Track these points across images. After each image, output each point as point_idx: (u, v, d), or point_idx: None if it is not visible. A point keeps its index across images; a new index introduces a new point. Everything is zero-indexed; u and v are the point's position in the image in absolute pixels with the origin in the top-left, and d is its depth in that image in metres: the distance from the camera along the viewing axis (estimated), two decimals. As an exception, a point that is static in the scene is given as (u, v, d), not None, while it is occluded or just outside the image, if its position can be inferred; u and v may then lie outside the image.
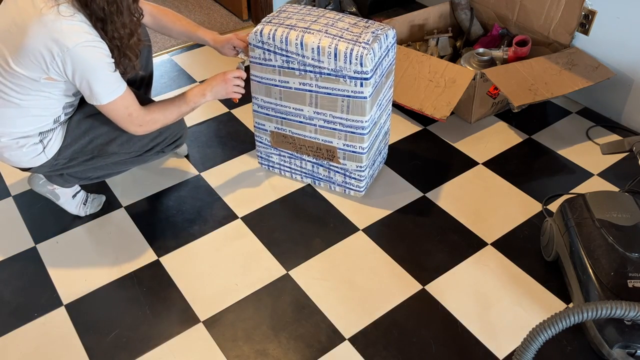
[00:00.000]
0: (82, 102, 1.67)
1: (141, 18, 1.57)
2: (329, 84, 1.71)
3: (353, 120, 1.76)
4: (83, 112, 1.66)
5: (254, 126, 1.97)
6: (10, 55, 1.42)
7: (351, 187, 1.94)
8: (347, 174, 1.90)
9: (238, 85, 1.76)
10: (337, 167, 1.91)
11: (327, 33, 1.67)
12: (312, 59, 1.68)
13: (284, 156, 1.99)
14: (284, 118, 1.87)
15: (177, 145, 1.85)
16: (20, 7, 1.40)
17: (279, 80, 1.78)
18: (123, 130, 1.64)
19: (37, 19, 1.36)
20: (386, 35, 1.72)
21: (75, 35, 1.38)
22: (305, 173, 2.00)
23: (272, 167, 2.05)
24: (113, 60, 1.47)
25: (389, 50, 1.77)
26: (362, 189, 1.93)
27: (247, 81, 1.80)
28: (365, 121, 1.75)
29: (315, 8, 1.82)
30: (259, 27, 1.72)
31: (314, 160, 1.93)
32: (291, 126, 1.88)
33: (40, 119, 1.55)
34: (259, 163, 2.08)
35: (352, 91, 1.69)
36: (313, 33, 1.67)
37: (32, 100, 1.50)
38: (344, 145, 1.83)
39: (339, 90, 1.71)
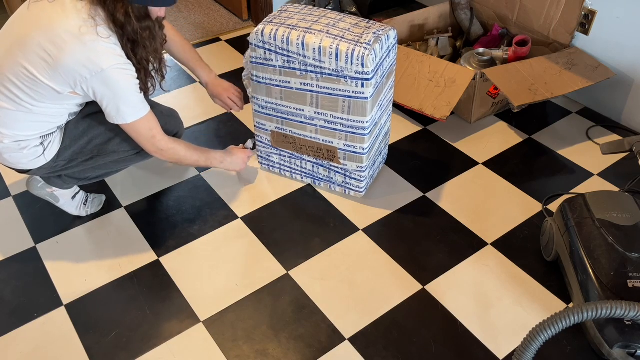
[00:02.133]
0: None
1: (164, 43, 1.65)
2: (330, 85, 1.71)
3: (354, 121, 1.76)
4: (81, 114, 1.66)
5: (254, 126, 1.97)
6: (35, 65, 1.43)
7: (351, 187, 1.94)
8: (348, 174, 1.90)
9: (249, 159, 1.98)
10: (337, 167, 1.91)
11: (328, 33, 1.67)
12: (314, 59, 1.68)
13: (284, 156, 1.99)
14: (285, 118, 1.87)
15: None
16: (54, 20, 1.40)
17: (280, 81, 1.78)
18: (121, 129, 1.65)
19: (76, 38, 1.39)
20: (387, 36, 1.72)
21: (110, 58, 1.43)
22: (306, 173, 2.00)
23: (272, 167, 2.05)
24: (139, 82, 1.52)
25: (390, 51, 1.76)
26: (362, 190, 1.93)
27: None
28: (366, 122, 1.75)
29: (316, 8, 1.82)
30: (260, 26, 1.72)
31: (314, 161, 1.93)
32: (292, 126, 1.88)
33: (46, 125, 1.57)
34: (259, 163, 2.09)
35: (353, 92, 1.69)
36: (314, 33, 1.67)
37: (45, 108, 1.52)
38: (344, 145, 1.83)
39: (340, 90, 1.71)
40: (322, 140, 1.86)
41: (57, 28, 1.40)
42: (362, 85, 1.67)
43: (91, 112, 1.66)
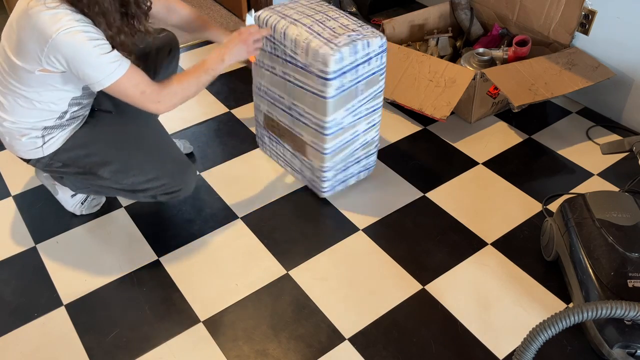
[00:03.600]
0: (104, 117, 1.69)
1: (149, 6, 1.55)
2: (302, 78, 1.72)
3: (317, 118, 1.75)
4: (93, 124, 1.66)
5: (254, 107, 2.02)
6: (10, 50, 1.46)
7: (315, 185, 1.92)
8: (313, 171, 1.90)
9: (257, 41, 1.67)
10: (306, 162, 1.91)
11: (310, 28, 1.67)
12: (290, 50, 1.70)
13: (272, 140, 2.02)
14: (272, 103, 1.91)
15: (173, 197, 1.73)
16: (18, 5, 1.43)
17: (269, 65, 1.83)
18: (121, 157, 1.63)
19: (25, 13, 1.39)
20: (368, 43, 1.66)
21: (57, 24, 1.36)
22: (285, 161, 2.01)
23: (264, 147, 2.10)
24: (104, 42, 1.42)
25: (371, 59, 1.70)
26: (325, 190, 1.91)
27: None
28: (326, 122, 1.73)
29: (323, 3, 1.83)
30: (261, 10, 1.77)
31: (292, 150, 1.94)
32: (276, 112, 1.91)
33: (45, 113, 1.55)
34: (256, 141, 2.14)
35: (317, 89, 1.69)
36: (297, 25, 1.68)
37: (35, 93, 1.51)
38: (311, 141, 1.83)
39: (308, 85, 1.71)
40: (296, 132, 1.86)
41: (17, 10, 1.42)
42: (323, 85, 1.66)
43: (104, 128, 1.65)
